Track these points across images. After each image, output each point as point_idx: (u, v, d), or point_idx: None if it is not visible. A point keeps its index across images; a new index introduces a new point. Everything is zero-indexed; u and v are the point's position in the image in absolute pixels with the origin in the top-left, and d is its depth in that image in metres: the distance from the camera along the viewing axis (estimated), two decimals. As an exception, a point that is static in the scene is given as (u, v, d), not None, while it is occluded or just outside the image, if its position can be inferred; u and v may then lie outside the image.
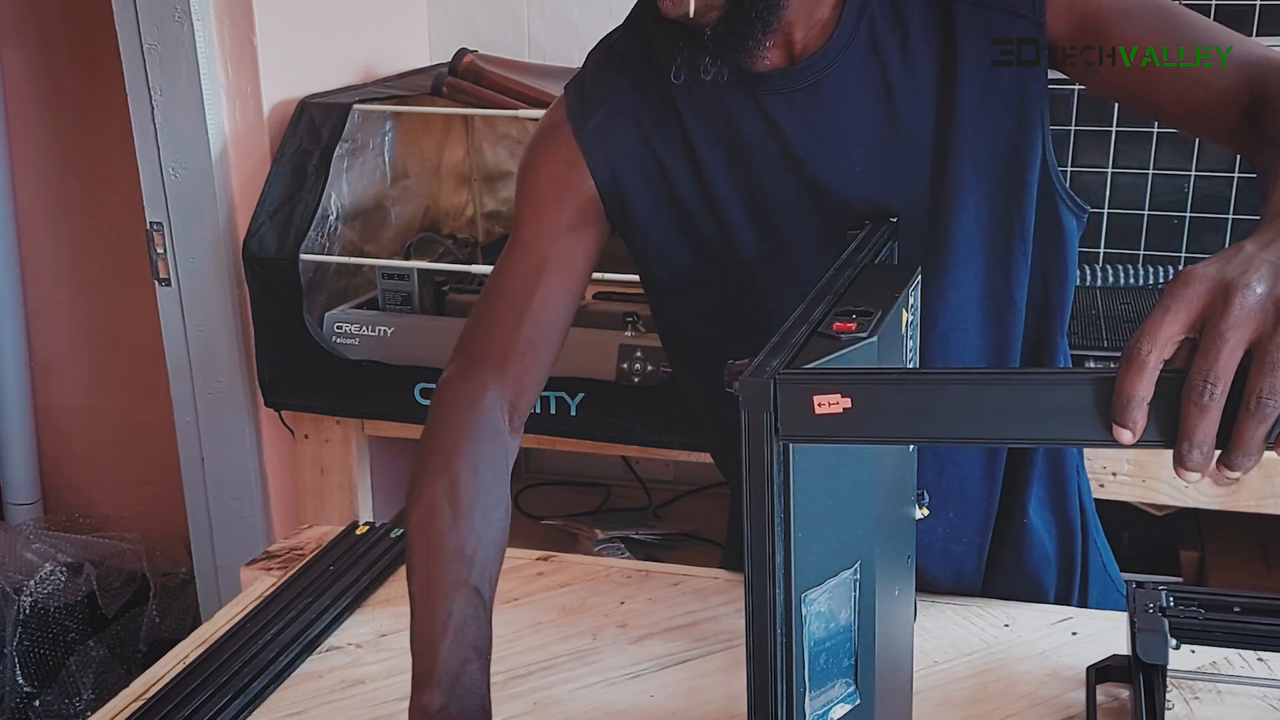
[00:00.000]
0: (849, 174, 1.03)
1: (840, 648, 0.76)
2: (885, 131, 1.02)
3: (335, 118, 2.02)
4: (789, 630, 0.72)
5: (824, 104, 1.01)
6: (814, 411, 0.66)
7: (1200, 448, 0.60)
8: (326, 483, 2.13)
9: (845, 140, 1.02)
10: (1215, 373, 0.60)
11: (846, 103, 1.01)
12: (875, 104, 1.01)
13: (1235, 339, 0.60)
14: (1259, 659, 1.04)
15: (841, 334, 0.73)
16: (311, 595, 1.17)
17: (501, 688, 1.04)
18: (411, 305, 2.02)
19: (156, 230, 2.08)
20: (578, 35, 2.48)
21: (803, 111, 1.02)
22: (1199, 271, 0.63)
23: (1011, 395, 0.63)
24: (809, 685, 0.74)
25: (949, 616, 1.14)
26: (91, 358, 2.80)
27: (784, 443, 0.68)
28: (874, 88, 1.01)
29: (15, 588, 2.48)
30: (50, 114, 2.66)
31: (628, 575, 1.24)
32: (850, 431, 0.66)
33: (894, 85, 1.01)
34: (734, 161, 1.05)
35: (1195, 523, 2.24)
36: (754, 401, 0.68)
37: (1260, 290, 0.61)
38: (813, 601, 0.73)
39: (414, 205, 2.34)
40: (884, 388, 0.66)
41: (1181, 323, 0.62)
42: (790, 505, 0.69)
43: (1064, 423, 0.63)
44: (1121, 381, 0.61)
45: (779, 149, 1.03)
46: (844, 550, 0.74)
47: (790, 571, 0.70)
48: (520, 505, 2.58)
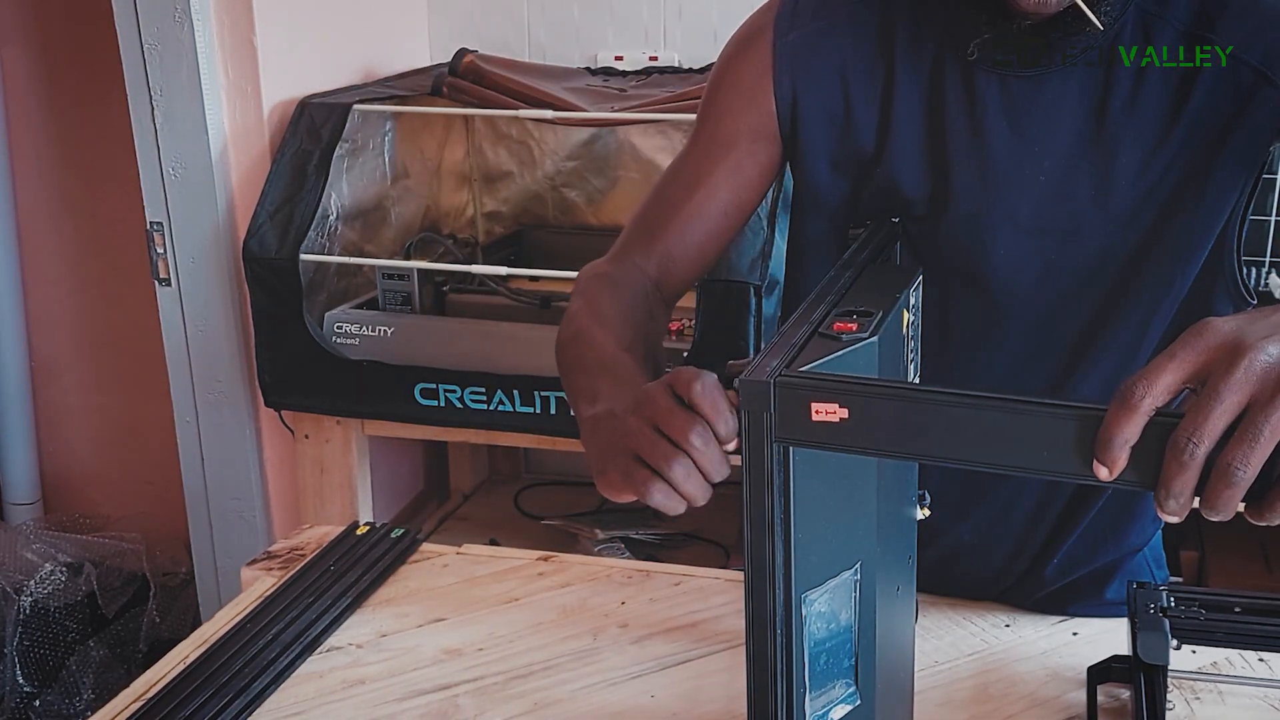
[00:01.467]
0: (1030, 180, 0.97)
1: (841, 648, 0.76)
2: (1083, 153, 0.95)
3: (335, 118, 2.02)
4: (789, 631, 0.71)
5: (1037, 100, 0.95)
6: (811, 418, 0.66)
7: (1177, 499, 0.60)
8: (326, 483, 2.13)
9: (1043, 144, 0.96)
10: (1201, 432, 0.59)
11: (1060, 107, 0.95)
12: (1085, 120, 0.95)
13: (1230, 401, 0.59)
14: (1260, 659, 1.04)
15: (842, 334, 0.73)
16: (312, 595, 1.17)
17: (502, 688, 1.04)
18: (411, 305, 2.02)
19: (156, 230, 2.08)
20: (578, 35, 2.48)
21: (1013, 98, 0.96)
22: (1216, 325, 0.62)
23: (1004, 421, 0.63)
24: (809, 686, 0.74)
25: (950, 616, 1.13)
26: (91, 358, 2.80)
27: (781, 445, 0.68)
28: (1091, 103, 0.94)
29: (15, 588, 2.48)
30: (50, 114, 2.66)
31: (628, 575, 1.24)
32: (846, 441, 0.66)
33: (1111, 109, 0.94)
34: (929, 126, 0.99)
35: (1195, 523, 2.24)
36: (753, 402, 0.67)
37: (1272, 357, 0.60)
38: (813, 602, 0.72)
39: (414, 205, 2.34)
40: (882, 402, 0.65)
41: (1184, 373, 0.61)
42: (790, 506, 0.69)
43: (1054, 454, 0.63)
44: (1109, 420, 0.60)
45: (970, 128, 0.97)
46: (844, 551, 0.74)
47: (790, 572, 0.70)
48: (520, 505, 2.58)
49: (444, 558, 1.27)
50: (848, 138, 1.03)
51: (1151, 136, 0.94)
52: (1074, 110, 0.95)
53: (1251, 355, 0.60)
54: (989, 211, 0.98)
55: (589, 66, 2.42)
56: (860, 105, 1.02)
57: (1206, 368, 0.61)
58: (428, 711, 1.01)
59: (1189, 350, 0.61)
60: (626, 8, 2.45)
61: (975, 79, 0.97)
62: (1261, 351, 0.60)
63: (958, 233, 0.99)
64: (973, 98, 0.97)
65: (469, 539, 1.78)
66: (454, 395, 1.94)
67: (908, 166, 1.00)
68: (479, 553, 1.29)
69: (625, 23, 2.45)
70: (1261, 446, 0.59)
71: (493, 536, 2.40)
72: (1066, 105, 0.95)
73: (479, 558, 1.28)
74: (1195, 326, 0.62)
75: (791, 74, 1.03)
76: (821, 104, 1.03)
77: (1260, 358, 0.60)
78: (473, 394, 1.93)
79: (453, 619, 1.15)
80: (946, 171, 0.99)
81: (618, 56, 2.43)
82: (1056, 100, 0.95)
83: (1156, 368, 0.61)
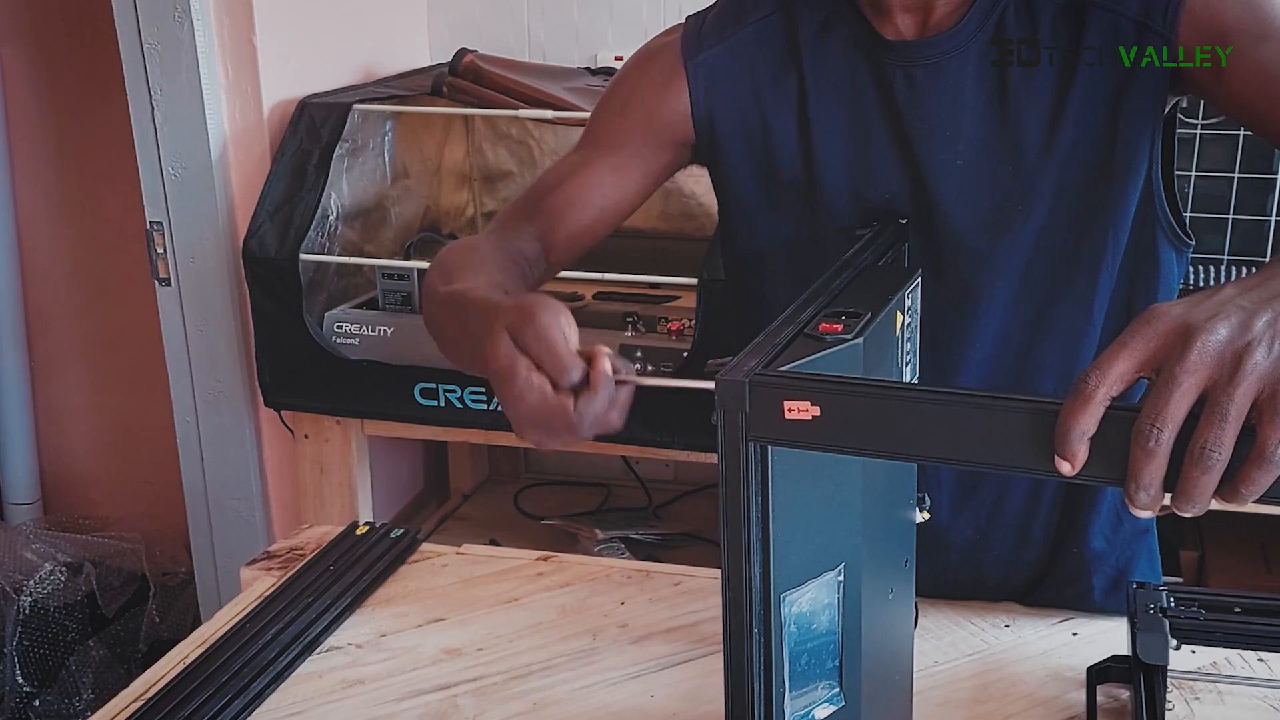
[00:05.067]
0: (949, 165, 1.00)
1: (823, 649, 0.75)
2: (992, 130, 0.99)
3: (335, 118, 2.02)
4: (767, 630, 0.71)
5: (940, 88, 0.99)
6: (784, 416, 0.66)
7: (1147, 490, 0.59)
8: (326, 483, 2.13)
9: (954, 129, 0.99)
10: (1164, 418, 0.58)
11: (962, 91, 0.99)
12: (988, 100, 0.98)
13: (1189, 384, 0.58)
14: (1259, 659, 1.04)
15: (826, 335, 0.72)
16: (312, 595, 1.17)
17: (501, 688, 1.04)
18: (411, 305, 2.02)
19: (156, 230, 2.08)
20: (578, 35, 2.48)
21: (918, 90, 0.99)
22: (1163, 310, 0.62)
23: (972, 417, 0.62)
24: (789, 685, 0.73)
25: (950, 617, 1.13)
26: (91, 358, 2.80)
27: (757, 444, 0.67)
28: (990, 84, 0.98)
29: (15, 588, 2.48)
30: (50, 114, 2.66)
31: (628, 575, 1.24)
32: (818, 439, 0.65)
33: (1010, 85, 0.98)
34: (848, 129, 1.02)
35: (1195, 523, 2.24)
36: (729, 401, 0.67)
37: (1222, 337, 0.59)
38: (793, 602, 0.72)
39: (414, 205, 2.34)
40: (853, 399, 0.64)
41: (1136, 360, 0.60)
42: (769, 505, 0.69)
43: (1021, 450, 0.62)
44: (1064, 414, 0.59)
45: (890, 124, 1.01)
46: (826, 552, 0.73)
47: (769, 571, 0.70)
48: (520, 505, 2.58)
49: (444, 558, 1.27)
50: (770, 152, 1.05)
51: (1050, 103, 0.97)
52: (976, 90, 0.99)
53: (1203, 337, 0.59)
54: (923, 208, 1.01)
55: (589, 66, 2.42)
56: (777, 119, 1.05)
57: (1159, 354, 0.60)
58: (427, 711, 1.01)
59: (1139, 338, 0.61)
60: (626, 8, 2.45)
61: (885, 76, 1.00)
62: (1212, 333, 0.59)
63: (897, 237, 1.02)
64: (886, 95, 1.01)
65: (469, 539, 1.79)
66: (454, 395, 1.94)
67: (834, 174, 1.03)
68: (479, 553, 1.29)
69: (625, 23, 2.45)
70: (1230, 426, 0.58)
71: (493, 536, 2.40)
72: (968, 86, 0.99)
73: (479, 558, 1.28)
74: (1143, 314, 0.62)
75: (707, 90, 1.07)
76: (739, 120, 1.06)
77: (1212, 340, 0.59)
78: (473, 394, 1.93)
79: (452, 619, 1.16)
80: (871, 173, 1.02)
81: (618, 56, 2.43)
82: (957, 83, 0.99)
83: (1108, 357, 0.61)
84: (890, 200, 1.03)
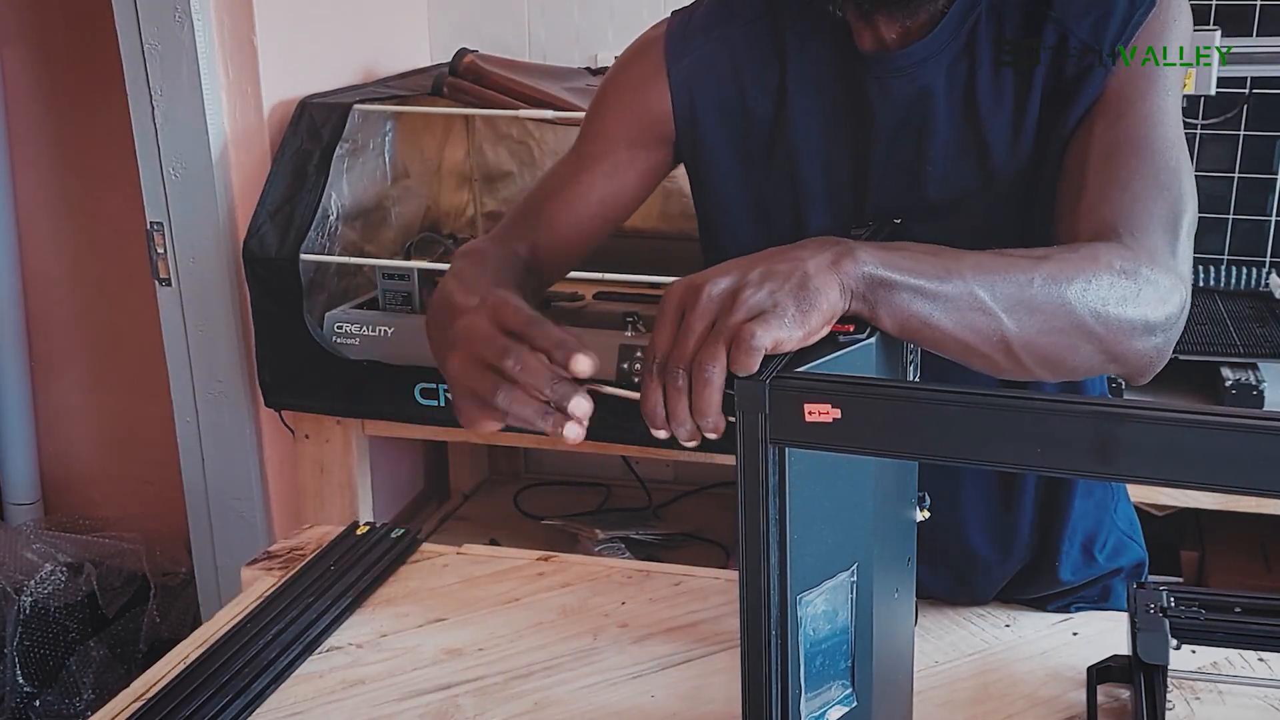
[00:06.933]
0: (923, 172, 1.02)
1: (837, 650, 0.76)
2: (963, 138, 1.01)
3: (335, 118, 2.02)
4: (784, 632, 0.71)
5: (916, 97, 1.01)
6: (804, 419, 0.66)
7: (684, 425, 0.72)
8: (326, 483, 2.13)
9: (929, 137, 1.01)
10: (682, 358, 0.71)
11: (935, 100, 1.00)
12: (959, 109, 1.00)
13: (700, 328, 0.71)
14: (1260, 659, 1.04)
15: (839, 335, 0.73)
16: (312, 595, 1.17)
17: (502, 688, 1.04)
18: (412, 305, 2.02)
19: (157, 230, 2.08)
20: (578, 35, 2.48)
21: (895, 100, 1.01)
22: (674, 283, 0.74)
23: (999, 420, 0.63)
24: (805, 687, 0.74)
25: (950, 617, 1.14)
26: (91, 358, 2.80)
27: (776, 446, 0.68)
28: (959, 92, 1.00)
29: (15, 588, 2.48)
30: (50, 114, 2.66)
31: (628, 575, 1.24)
32: (840, 441, 0.66)
33: (979, 95, 1.00)
34: (826, 129, 1.04)
35: (1195, 523, 2.24)
36: (748, 404, 0.67)
37: (723, 286, 0.72)
38: (809, 603, 0.72)
39: (414, 205, 2.34)
40: (874, 401, 0.65)
41: (670, 330, 0.72)
42: (785, 507, 0.69)
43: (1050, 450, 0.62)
44: (641, 401, 0.73)
45: (867, 131, 1.03)
46: (841, 552, 0.74)
47: (786, 573, 0.70)
48: (520, 505, 2.58)
49: (444, 558, 1.27)
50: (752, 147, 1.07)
51: (1013, 104, 1.00)
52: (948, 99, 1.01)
53: (707, 289, 0.72)
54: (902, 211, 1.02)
55: (589, 66, 2.42)
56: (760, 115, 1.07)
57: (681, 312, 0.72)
58: (428, 711, 1.01)
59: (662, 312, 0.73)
60: (626, 8, 2.45)
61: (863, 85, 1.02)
62: (713, 284, 0.72)
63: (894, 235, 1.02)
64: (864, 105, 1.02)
65: (469, 539, 1.78)
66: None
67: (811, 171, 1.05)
68: (479, 553, 1.29)
69: (625, 23, 2.45)
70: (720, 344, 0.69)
71: (493, 536, 2.40)
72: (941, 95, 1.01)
73: (479, 558, 1.28)
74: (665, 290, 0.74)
75: (690, 86, 1.08)
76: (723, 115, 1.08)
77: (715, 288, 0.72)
78: (473, 394, 1.93)
79: (453, 619, 1.16)
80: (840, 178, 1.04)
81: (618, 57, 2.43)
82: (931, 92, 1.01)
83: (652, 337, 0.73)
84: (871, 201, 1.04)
